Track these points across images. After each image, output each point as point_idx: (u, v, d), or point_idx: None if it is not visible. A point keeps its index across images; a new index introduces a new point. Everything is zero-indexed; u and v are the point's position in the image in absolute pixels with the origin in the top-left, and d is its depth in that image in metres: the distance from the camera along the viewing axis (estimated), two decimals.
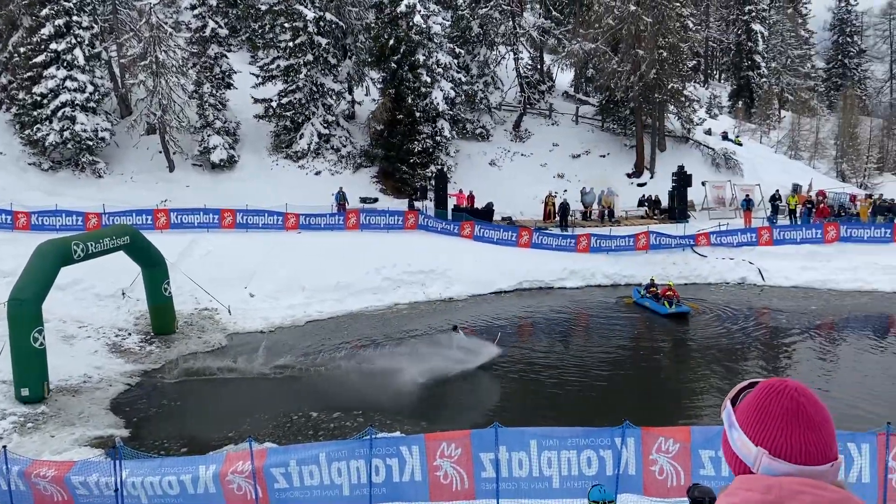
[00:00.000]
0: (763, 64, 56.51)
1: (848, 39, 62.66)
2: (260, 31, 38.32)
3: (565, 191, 34.93)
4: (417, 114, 33.44)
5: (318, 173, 34.22)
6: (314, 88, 34.45)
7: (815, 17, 64.79)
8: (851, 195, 35.22)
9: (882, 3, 65.86)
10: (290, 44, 33.56)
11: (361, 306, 23.50)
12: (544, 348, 20.36)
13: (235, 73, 35.05)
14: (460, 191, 32.61)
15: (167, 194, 31.32)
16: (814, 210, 31.74)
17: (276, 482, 9.73)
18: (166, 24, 33.27)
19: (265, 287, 23.48)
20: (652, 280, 24.94)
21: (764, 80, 55.78)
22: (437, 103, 33.22)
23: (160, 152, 33.29)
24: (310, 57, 33.79)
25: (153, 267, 20.19)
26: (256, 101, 34.92)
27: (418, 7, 32.83)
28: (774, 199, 33.11)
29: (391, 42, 33.15)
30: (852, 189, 38.90)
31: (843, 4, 62.75)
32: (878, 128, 47.63)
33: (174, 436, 14.45)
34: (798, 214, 32.06)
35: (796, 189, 35.18)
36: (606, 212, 33.41)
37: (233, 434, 14.21)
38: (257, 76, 35.32)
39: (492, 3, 38.66)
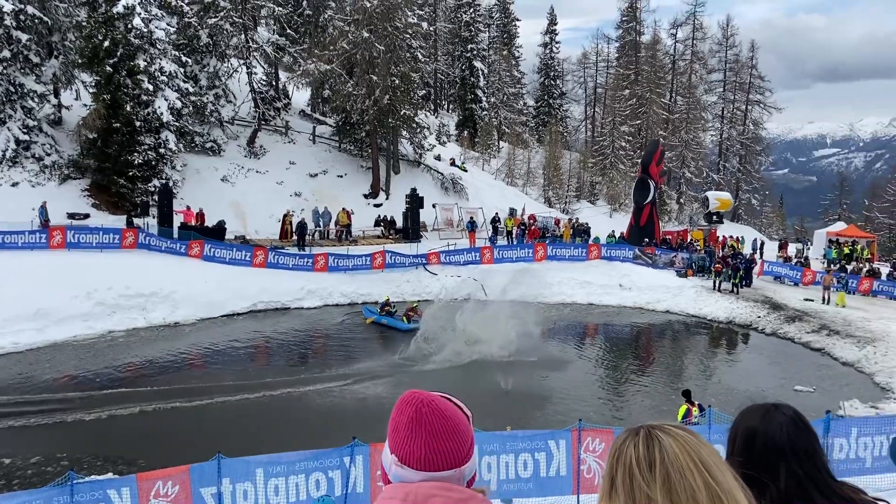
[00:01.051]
0: (484, 98, 62.08)
1: (552, 82, 71.40)
2: None
3: (302, 210, 34.63)
4: (138, 123, 30.73)
5: (15, 185, 29.75)
6: (11, 88, 30.16)
7: (525, 60, 73.18)
8: (556, 219, 40.02)
9: (578, 53, 76.11)
10: None
11: (68, 335, 20.88)
12: (277, 372, 19.76)
13: None
14: (188, 207, 30.64)
15: None
16: (527, 231, 35.55)
17: None
18: None
19: None
20: (387, 298, 25.70)
21: (485, 112, 61.23)
22: (161, 113, 30.90)
23: None
24: (7, 53, 29.71)
25: None
26: None
27: (138, 10, 30.30)
28: (494, 221, 36.43)
29: (106, 44, 30.06)
30: (557, 213, 44.21)
31: (547, 51, 71.38)
32: (576, 161, 54.86)
33: None
34: (514, 235, 35.67)
35: (512, 213, 39.02)
36: (343, 231, 33.82)
37: None
38: None
39: (222, 14, 37.14)
